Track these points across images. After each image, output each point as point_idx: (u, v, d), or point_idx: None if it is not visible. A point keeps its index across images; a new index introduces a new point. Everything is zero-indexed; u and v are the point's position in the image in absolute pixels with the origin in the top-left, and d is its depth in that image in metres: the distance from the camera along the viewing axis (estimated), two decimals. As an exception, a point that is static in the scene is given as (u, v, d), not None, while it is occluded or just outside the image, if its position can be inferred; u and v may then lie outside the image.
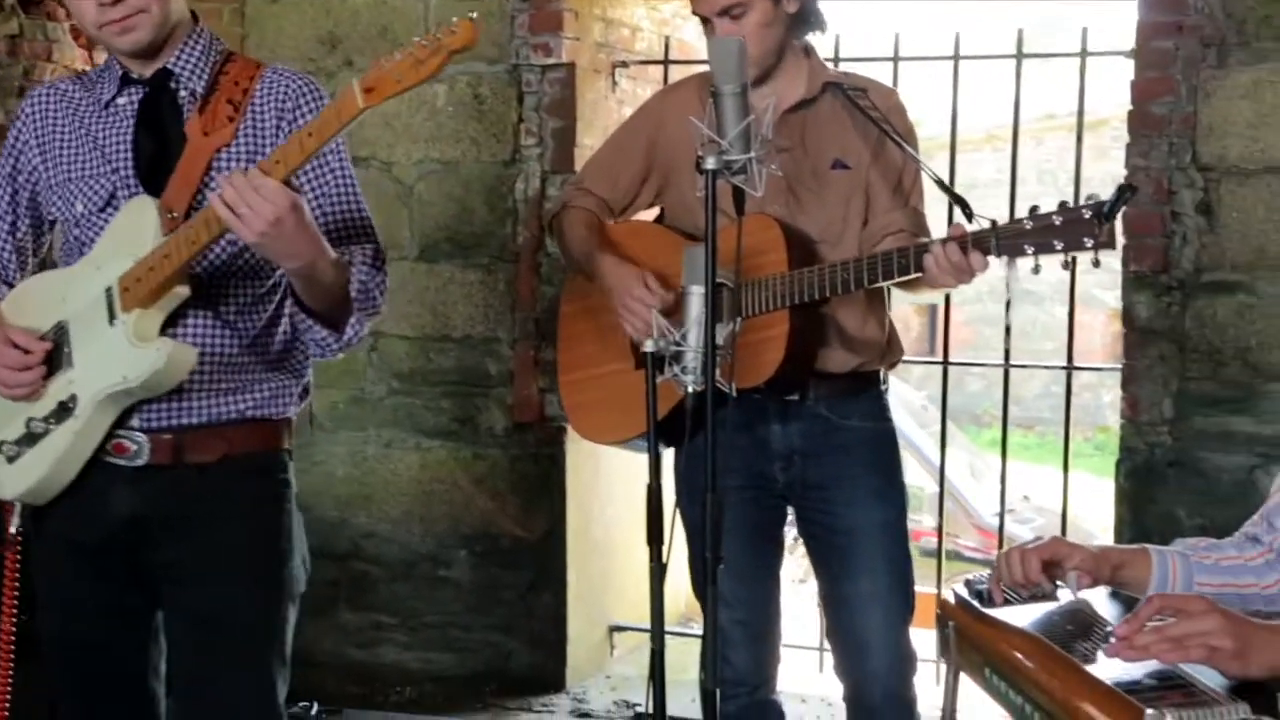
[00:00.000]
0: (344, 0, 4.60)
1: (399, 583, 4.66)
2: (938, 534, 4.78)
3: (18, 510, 2.41)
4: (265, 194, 2.11)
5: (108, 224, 2.34)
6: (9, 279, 2.49)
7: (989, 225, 2.52)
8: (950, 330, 5.09)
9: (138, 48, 2.34)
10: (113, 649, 2.39)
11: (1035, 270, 2.49)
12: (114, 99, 2.40)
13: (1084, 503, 7.49)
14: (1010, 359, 4.61)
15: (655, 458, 2.42)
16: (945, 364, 4.61)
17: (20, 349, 2.32)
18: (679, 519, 2.69)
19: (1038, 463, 11.57)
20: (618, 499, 4.58)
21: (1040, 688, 1.76)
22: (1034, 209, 2.48)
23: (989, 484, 10.19)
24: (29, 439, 2.33)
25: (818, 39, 3.00)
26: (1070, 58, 4.27)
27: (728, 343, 2.42)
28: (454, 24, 2.10)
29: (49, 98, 2.46)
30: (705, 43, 3.02)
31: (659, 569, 2.46)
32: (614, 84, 4.63)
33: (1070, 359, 4.39)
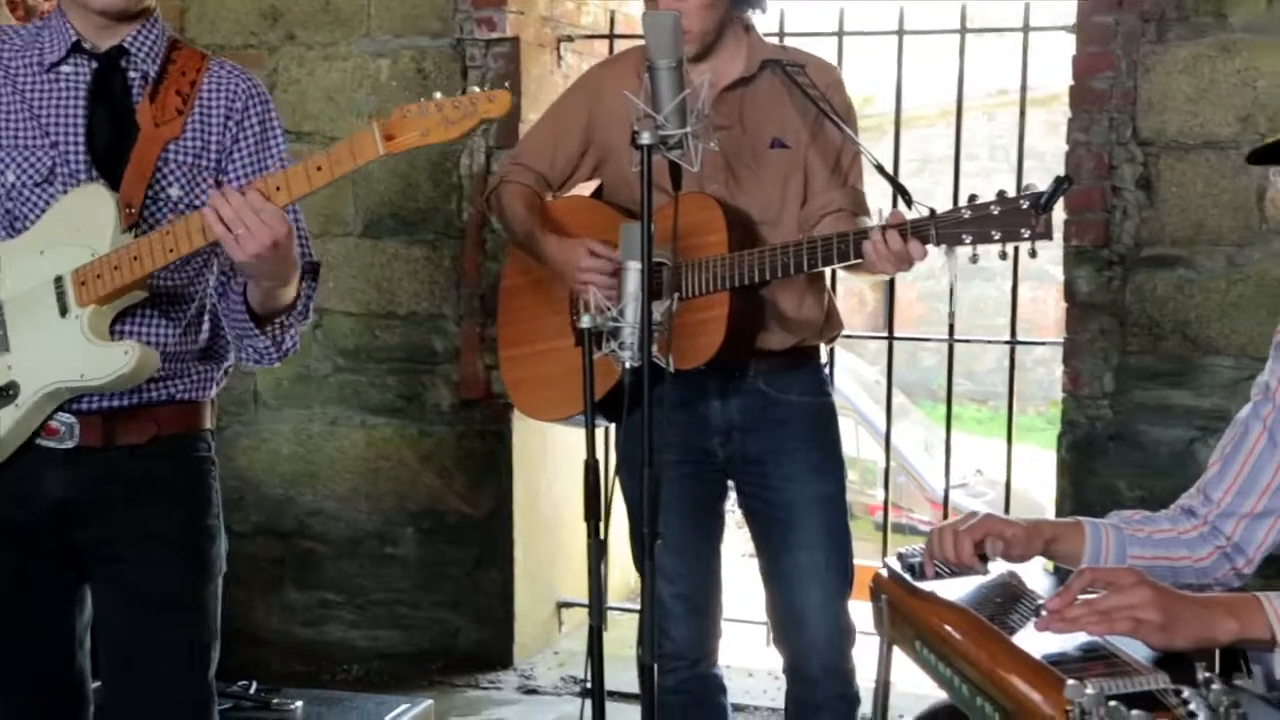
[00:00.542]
0: (286, -27, 4.56)
1: (345, 560, 4.65)
2: (884, 507, 4.78)
3: None
4: (266, 218, 2.13)
5: (48, 203, 2.29)
6: None
7: (928, 213, 2.52)
8: (905, 306, 5.12)
9: (112, 7, 2.29)
10: (42, 627, 2.38)
11: (973, 259, 2.49)
12: (58, 64, 2.33)
13: (1035, 476, 7.54)
14: (956, 334, 4.63)
15: (592, 434, 2.41)
16: (891, 339, 4.64)
17: None
18: (620, 494, 2.70)
19: (991, 436, 11.64)
20: (565, 475, 4.57)
21: (967, 660, 1.77)
22: (972, 198, 2.48)
23: (942, 458, 10.25)
24: None
25: (761, 17, 3.00)
26: (1016, 33, 4.29)
27: (665, 319, 2.42)
28: (491, 93, 2.14)
29: None
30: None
31: (597, 545, 2.46)
32: (559, 59, 4.61)
33: (1014, 334, 4.42)
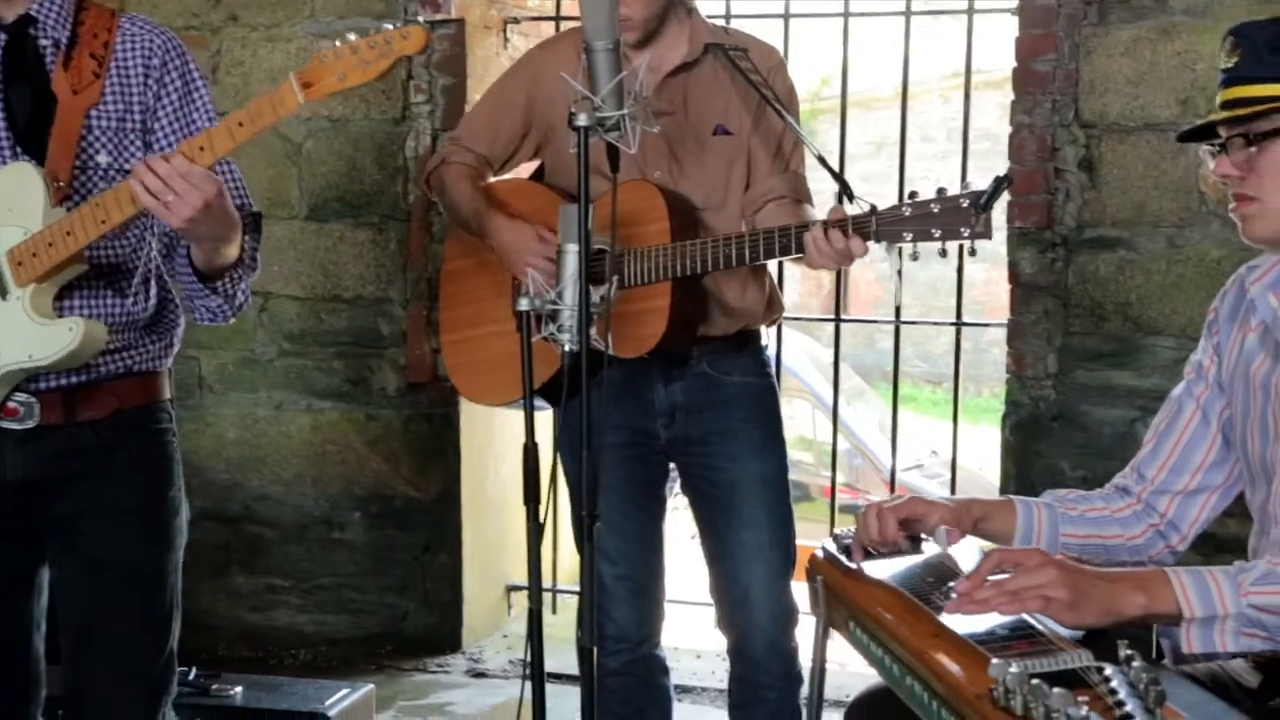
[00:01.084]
0: (228, -47, 4.51)
1: (292, 545, 4.63)
2: (831, 489, 4.81)
3: None
4: (194, 181, 2.11)
5: None
6: None
7: (869, 210, 2.52)
8: (861, 288, 5.14)
9: None
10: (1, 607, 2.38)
11: (914, 257, 2.51)
12: None
13: (989, 456, 7.59)
14: (907, 316, 4.64)
15: (531, 417, 2.42)
16: (838, 321, 4.65)
17: None
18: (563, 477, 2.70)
19: (946, 418, 11.70)
20: (512, 458, 4.47)
21: (898, 640, 1.78)
22: (913, 194, 2.49)
23: (899, 439, 10.29)
24: None
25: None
26: (962, 15, 4.30)
27: (604, 302, 2.42)
28: (405, 29, 2.11)
29: None
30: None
31: (535, 529, 2.48)
32: (505, 41, 4.59)
33: (959, 316, 4.45)
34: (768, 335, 3.04)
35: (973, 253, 2.51)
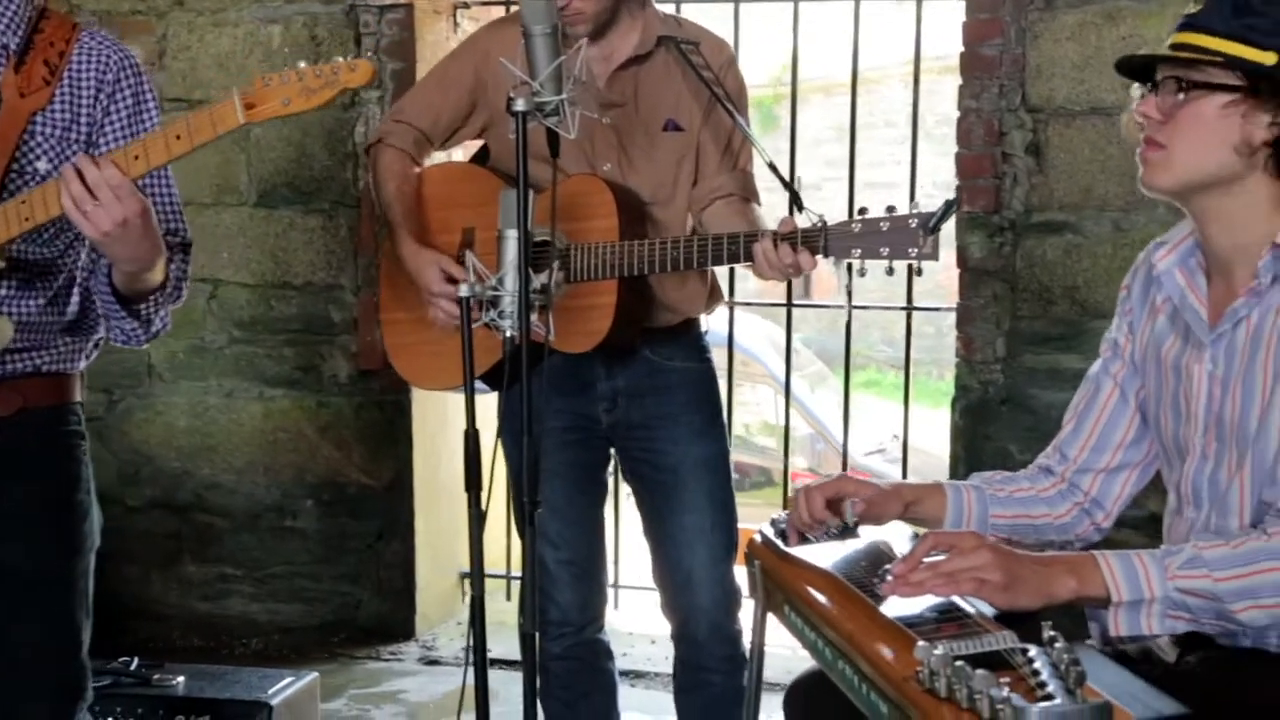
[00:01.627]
0: (174, -64, 4.48)
1: (244, 533, 4.61)
2: (784, 472, 4.82)
3: None
4: (120, 194, 2.07)
5: None
6: None
7: (818, 224, 2.53)
8: (827, 273, 5.14)
9: None
10: None
11: (861, 273, 2.52)
12: None
13: (948, 440, 7.62)
14: (858, 301, 4.65)
15: (472, 403, 2.42)
16: (789, 306, 4.66)
17: None
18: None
19: (911, 402, 11.73)
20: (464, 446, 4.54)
21: (830, 623, 1.78)
22: (862, 210, 2.49)
23: (861, 424, 10.33)
24: None
25: None
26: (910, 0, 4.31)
27: (545, 289, 2.42)
28: (352, 62, 2.10)
29: None
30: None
31: (477, 515, 2.47)
32: (455, 25, 4.57)
33: (910, 300, 4.46)
34: (707, 320, 3.04)
35: (918, 272, 2.53)
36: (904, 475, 4.66)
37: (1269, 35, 1.84)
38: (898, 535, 2.09)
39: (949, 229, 3.85)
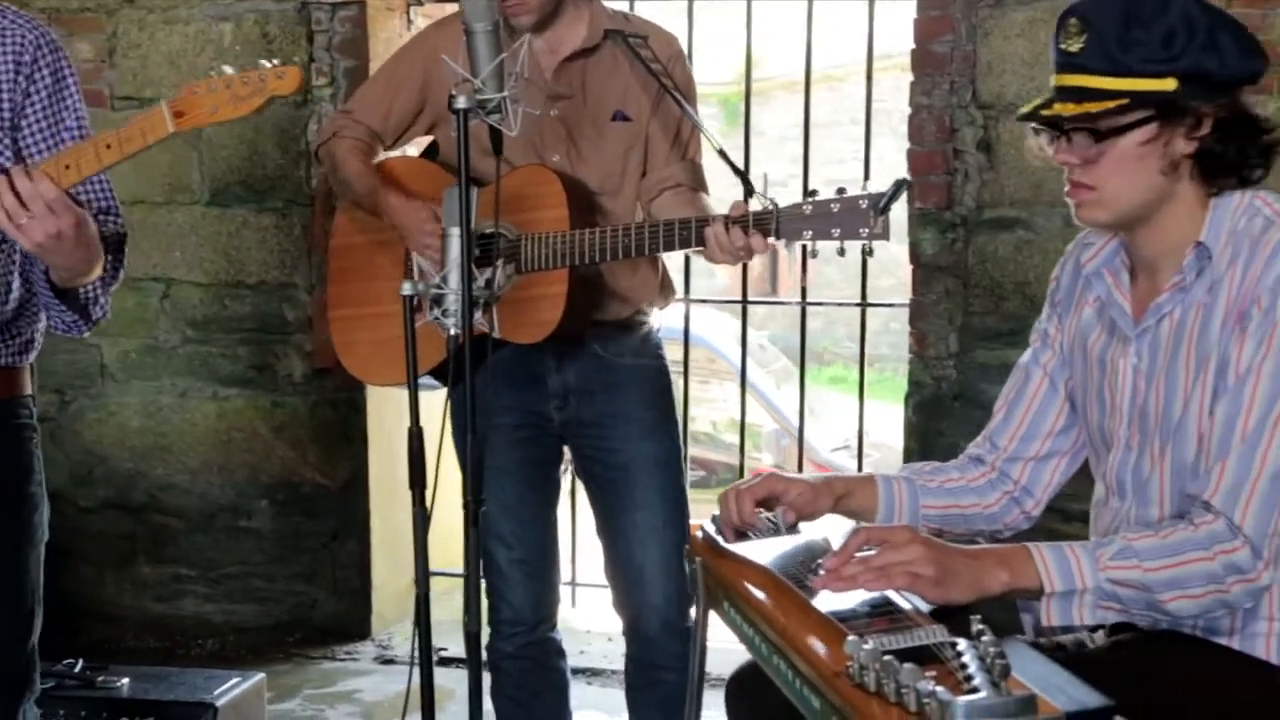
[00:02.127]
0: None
1: (199, 534, 4.58)
2: (740, 468, 4.83)
3: None
4: (55, 208, 2.06)
5: None
6: None
7: (770, 205, 2.53)
8: (794, 268, 5.14)
9: None
10: None
11: (813, 254, 2.52)
12: None
13: (902, 436, 7.65)
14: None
15: (415, 403, 2.43)
16: (744, 302, 4.67)
17: None
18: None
19: (875, 399, 11.79)
20: (420, 444, 4.53)
21: (765, 618, 1.78)
22: (813, 193, 2.49)
23: (826, 421, 10.36)
24: None
25: None
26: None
27: (493, 286, 2.41)
28: (280, 69, 2.11)
29: None
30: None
31: (421, 514, 2.48)
32: (409, 23, 4.55)
33: (864, 296, 4.48)
34: (659, 317, 3.04)
35: (869, 252, 2.53)
36: (859, 469, 4.67)
37: (1162, 62, 1.83)
38: (838, 530, 2.09)
39: (901, 225, 3.88)
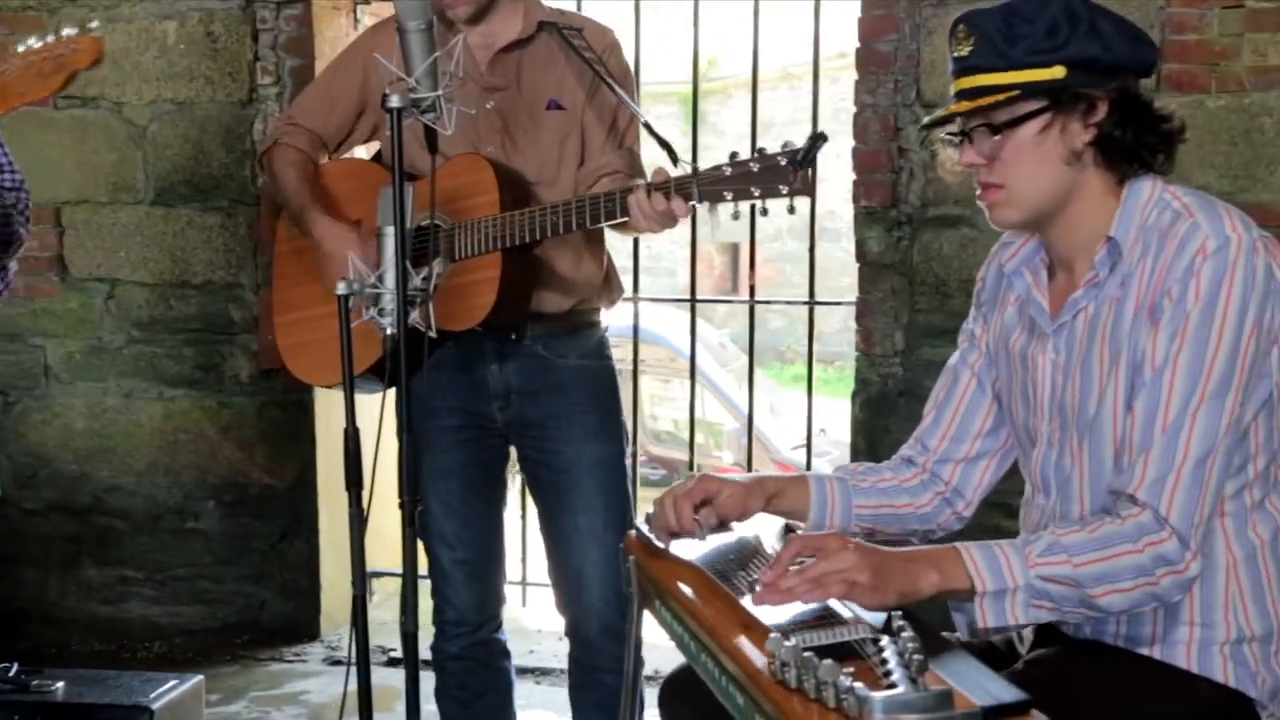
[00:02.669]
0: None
1: (145, 535, 4.55)
2: (689, 464, 4.83)
3: None
4: None
5: None
6: None
7: (691, 172, 2.53)
8: (759, 268, 5.15)
9: None
10: None
11: (735, 216, 2.51)
12: None
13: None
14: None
15: (351, 402, 2.42)
16: (693, 300, 4.67)
17: None
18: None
19: (836, 397, 11.81)
20: (368, 444, 4.51)
21: (694, 616, 1.79)
22: (734, 155, 2.49)
23: (789, 420, 10.36)
24: None
25: None
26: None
27: (427, 284, 2.40)
28: (76, 40, 2.04)
29: None
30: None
31: (358, 514, 2.46)
32: (355, 21, 4.53)
33: (812, 294, 4.49)
34: (607, 317, 3.03)
35: (791, 210, 2.51)
36: (809, 467, 4.68)
37: (1048, 51, 1.86)
38: (768, 529, 2.10)
39: (847, 224, 3.88)
